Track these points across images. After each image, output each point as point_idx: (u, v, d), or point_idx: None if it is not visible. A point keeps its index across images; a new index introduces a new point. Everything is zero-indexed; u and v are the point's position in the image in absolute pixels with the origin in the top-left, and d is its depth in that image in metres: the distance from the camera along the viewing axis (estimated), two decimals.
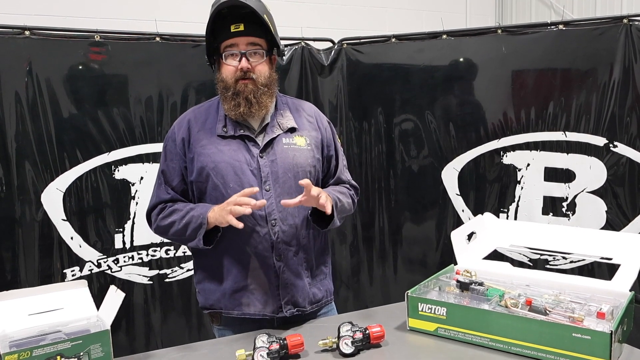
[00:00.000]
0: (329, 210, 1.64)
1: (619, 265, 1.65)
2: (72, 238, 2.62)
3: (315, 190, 1.61)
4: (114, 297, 1.48)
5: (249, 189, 1.61)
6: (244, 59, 1.69)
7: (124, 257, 2.75)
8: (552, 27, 2.72)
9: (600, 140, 2.64)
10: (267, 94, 1.72)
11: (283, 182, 1.72)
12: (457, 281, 1.67)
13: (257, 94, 1.70)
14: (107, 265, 2.71)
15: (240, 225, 1.58)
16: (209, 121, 1.78)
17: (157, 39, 2.72)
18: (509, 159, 2.87)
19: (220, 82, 1.74)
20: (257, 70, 1.71)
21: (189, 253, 2.86)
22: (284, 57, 3.01)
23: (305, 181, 1.59)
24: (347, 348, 1.48)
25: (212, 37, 1.73)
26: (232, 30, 1.68)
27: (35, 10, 3.62)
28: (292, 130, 1.79)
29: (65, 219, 2.60)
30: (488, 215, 2.05)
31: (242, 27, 1.68)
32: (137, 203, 2.74)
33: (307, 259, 1.79)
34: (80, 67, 2.59)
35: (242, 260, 1.73)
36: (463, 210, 3.00)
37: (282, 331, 1.65)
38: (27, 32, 2.48)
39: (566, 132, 2.71)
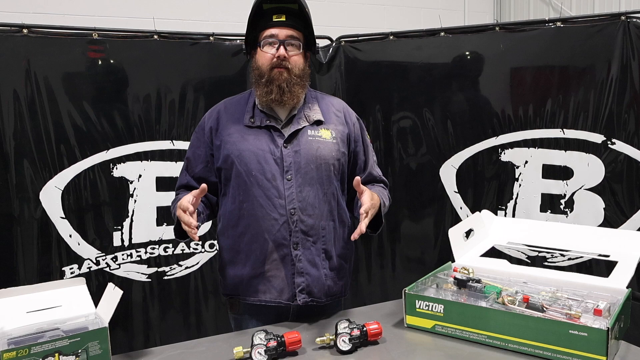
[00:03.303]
0: (363, 225, 1.61)
1: (616, 262, 1.66)
2: (70, 236, 2.63)
3: (366, 195, 1.66)
4: (112, 295, 1.48)
5: (195, 191, 1.61)
6: (281, 47, 1.73)
7: (123, 254, 2.75)
8: (550, 24, 2.71)
9: (598, 138, 2.64)
10: (299, 85, 1.77)
11: (305, 172, 1.76)
12: (455, 278, 1.67)
13: (290, 83, 1.75)
14: (106, 263, 2.72)
15: (195, 238, 1.59)
16: (238, 112, 1.84)
17: (155, 36, 2.72)
18: (507, 156, 2.87)
19: (255, 70, 1.79)
20: (292, 61, 1.76)
21: (187, 251, 2.86)
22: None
23: (356, 180, 1.66)
24: (344, 345, 1.49)
25: (250, 27, 1.79)
26: (273, 20, 1.74)
27: (34, 8, 3.61)
28: (318, 122, 1.83)
29: (64, 216, 2.61)
30: (486, 213, 2.05)
31: (283, 18, 1.74)
32: (135, 201, 2.74)
33: (325, 250, 1.81)
34: (78, 65, 2.59)
35: (260, 247, 1.77)
36: (461, 208, 3.00)
37: (280, 328, 1.65)
38: (25, 30, 2.47)
39: (564, 130, 2.71)
